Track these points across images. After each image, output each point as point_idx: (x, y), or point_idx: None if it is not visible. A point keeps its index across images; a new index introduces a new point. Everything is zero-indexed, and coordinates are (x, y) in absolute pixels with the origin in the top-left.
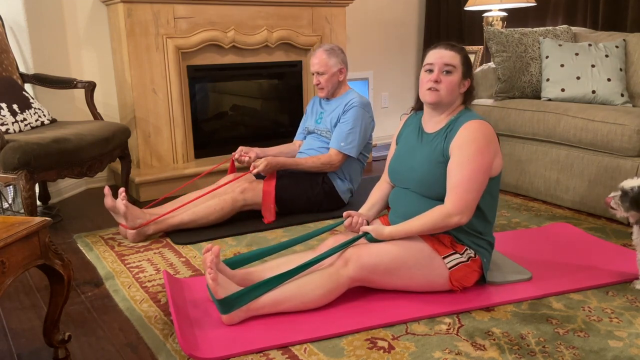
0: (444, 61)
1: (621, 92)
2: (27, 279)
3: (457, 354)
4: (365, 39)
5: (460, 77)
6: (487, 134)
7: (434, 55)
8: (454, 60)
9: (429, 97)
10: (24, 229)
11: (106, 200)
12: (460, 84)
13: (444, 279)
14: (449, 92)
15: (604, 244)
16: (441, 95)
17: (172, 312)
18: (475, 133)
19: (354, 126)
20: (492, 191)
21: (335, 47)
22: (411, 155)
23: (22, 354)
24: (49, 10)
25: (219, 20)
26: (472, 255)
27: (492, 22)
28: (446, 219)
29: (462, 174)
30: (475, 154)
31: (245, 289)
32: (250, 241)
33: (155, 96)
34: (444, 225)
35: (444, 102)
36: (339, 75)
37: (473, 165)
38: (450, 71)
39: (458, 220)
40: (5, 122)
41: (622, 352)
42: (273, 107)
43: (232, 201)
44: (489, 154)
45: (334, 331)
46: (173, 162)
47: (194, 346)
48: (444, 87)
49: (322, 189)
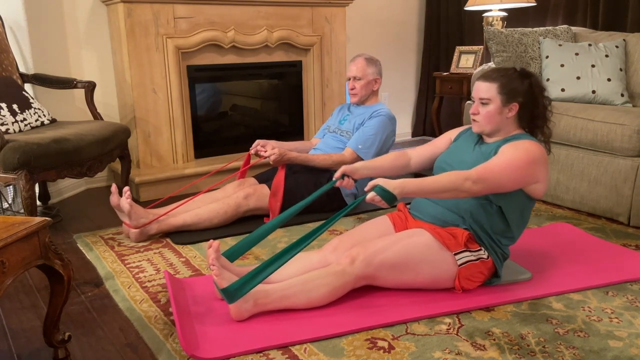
0: (479, 95)
1: (621, 92)
2: (27, 279)
3: (457, 354)
4: (365, 39)
5: (499, 106)
6: (535, 153)
7: (474, 89)
8: (488, 92)
9: (473, 127)
10: (23, 229)
11: (112, 198)
12: (503, 111)
13: (450, 275)
14: (487, 122)
15: (604, 244)
16: (481, 126)
17: (173, 312)
18: (524, 145)
19: (376, 133)
20: (524, 211)
21: (375, 58)
22: (464, 152)
23: (22, 354)
24: (49, 10)
25: (219, 20)
26: (484, 257)
27: (492, 22)
28: (462, 179)
29: (495, 161)
30: (515, 158)
31: (246, 276)
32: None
33: (155, 96)
34: (457, 185)
35: (486, 131)
36: (373, 84)
37: (508, 163)
38: (486, 103)
39: (470, 185)
40: (5, 122)
41: (622, 352)
42: (273, 107)
43: (235, 206)
44: (529, 169)
45: (334, 331)
46: (173, 162)
47: (194, 346)
48: (481, 117)
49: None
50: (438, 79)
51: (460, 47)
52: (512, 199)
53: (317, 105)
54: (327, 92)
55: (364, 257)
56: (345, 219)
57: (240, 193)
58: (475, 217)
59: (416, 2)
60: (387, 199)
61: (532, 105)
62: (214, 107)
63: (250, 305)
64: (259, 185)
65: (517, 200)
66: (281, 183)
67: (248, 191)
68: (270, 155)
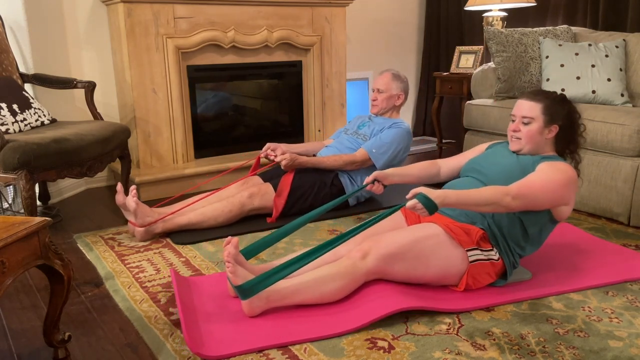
0: (522, 113)
1: (621, 92)
2: (27, 279)
3: (457, 354)
4: (365, 39)
5: (541, 126)
6: (571, 175)
7: (516, 107)
8: (532, 111)
9: (512, 145)
10: (23, 229)
11: (117, 197)
12: (543, 132)
13: (459, 271)
14: (527, 140)
15: (604, 244)
16: (522, 144)
17: (179, 310)
18: (561, 166)
19: (392, 142)
20: (543, 230)
21: (402, 75)
22: (498, 157)
23: (22, 354)
24: (49, 10)
25: (219, 20)
26: (494, 258)
27: (492, 22)
28: (502, 194)
29: (535, 177)
30: (554, 179)
31: (262, 275)
32: (250, 241)
33: (155, 96)
34: (496, 199)
35: (524, 149)
36: (396, 99)
37: (547, 182)
38: (529, 122)
39: (509, 201)
40: (5, 122)
41: (622, 352)
42: (273, 107)
43: (240, 205)
44: (564, 190)
45: (334, 331)
46: (173, 162)
47: (199, 344)
48: (523, 135)
49: (330, 190)
50: (438, 79)
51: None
52: (536, 214)
53: (317, 105)
54: (327, 92)
55: (375, 252)
56: (345, 220)
57: (244, 192)
58: (497, 218)
59: (416, 2)
60: (429, 207)
61: (570, 130)
62: (214, 107)
63: (262, 301)
64: (264, 185)
65: (540, 217)
66: (288, 184)
67: (252, 190)
68: (281, 160)
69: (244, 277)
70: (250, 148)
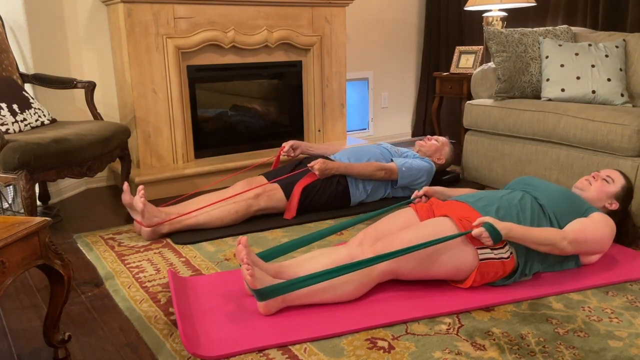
0: (609, 174)
1: (621, 92)
2: (27, 279)
3: (457, 354)
4: (365, 39)
5: (614, 193)
6: (614, 232)
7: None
8: (618, 181)
9: (580, 181)
10: (23, 229)
11: (124, 197)
12: (611, 198)
13: (469, 267)
14: (597, 194)
15: None
16: (589, 191)
17: (175, 310)
18: (610, 221)
19: (420, 171)
20: (563, 264)
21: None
22: (549, 184)
23: (22, 354)
24: (49, 10)
25: (219, 20)
26: (504, 257)
27: (492, 22)
28: (560, 238)
29: (590, 226)
30: (606, 233)
31: (282, 283)
32: (250, 241)
33: (155, 96)
34: (555, 241)
35: (587, 197)
36: (439, 154)
37: (600, 235)
38: (610, 182)
39: (565, 245)
40: (5, 122)
41: (622, 352)
42: (273, 107)
43: (246, 206)
44: (607, 242)
45: (334, 331)
46: (173, 162)
47: (196, 344)
48: (596, 186)
49: (336, 188)
50: (438, 79)
51: (460, 47)
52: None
53: (317, 105)
54: (327, 92)
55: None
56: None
57: (250, 193)
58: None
59: (416, 2)
60: (494, 237)
61: (621, 214)
62: (214, 107)
63: (278, 301)
64: (269, 185)
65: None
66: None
67: (258, 191)
68: (313, 166)
69: (261, 280)
70: (250, 148)
